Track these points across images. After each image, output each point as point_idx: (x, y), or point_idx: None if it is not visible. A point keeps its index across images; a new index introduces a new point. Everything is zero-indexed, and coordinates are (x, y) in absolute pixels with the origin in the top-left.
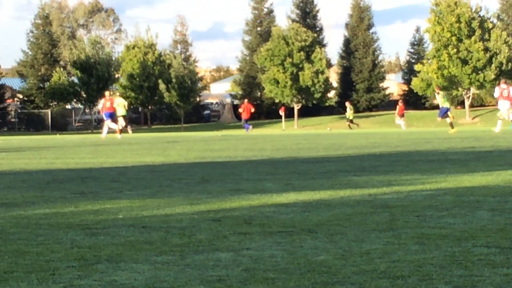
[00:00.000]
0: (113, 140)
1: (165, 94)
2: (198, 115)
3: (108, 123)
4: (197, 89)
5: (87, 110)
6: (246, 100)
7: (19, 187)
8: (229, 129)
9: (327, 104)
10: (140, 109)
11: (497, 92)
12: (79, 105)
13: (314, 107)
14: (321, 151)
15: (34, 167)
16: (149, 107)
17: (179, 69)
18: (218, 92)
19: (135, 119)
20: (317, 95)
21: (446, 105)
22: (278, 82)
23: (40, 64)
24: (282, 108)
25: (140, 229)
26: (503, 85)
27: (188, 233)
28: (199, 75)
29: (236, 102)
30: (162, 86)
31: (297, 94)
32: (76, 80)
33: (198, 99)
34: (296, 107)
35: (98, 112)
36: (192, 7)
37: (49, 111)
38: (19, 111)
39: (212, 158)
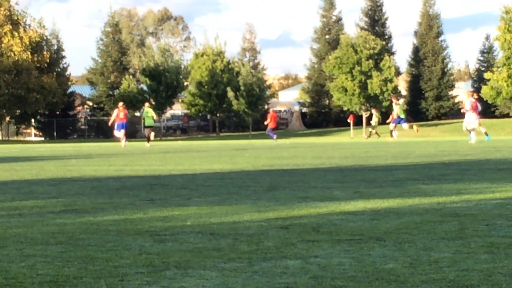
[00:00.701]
0: (181, 147)
1: (233, 101)
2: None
3: (116, 133)
4: (265, 96)
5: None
6: (272, 110)
7: (88, 193)
8: (297, 137)
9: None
10: (208, 116)
11: (467, 104)
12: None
13: (382, 115)
14: (389, 159)
15: (104, 174)
16: (218, 115)
17: (247, 77)
18: (286, 99)
19: (204, 127)
20: (385, 103)
21: (402, 115)
22: (346, 90)
23: (110, 71)
24: (351, 116)
25: (208, 236)
26: (472, 98)
27: (256, 240)
28: (268, 82)
29: (304, 110)
30: (230, 94)
31: (365, 102)
32: (145, 88)
33: (266, 106)
34: (365, 115)
35: (167, 120)
36: (261, 15)
37: None
38: (88, 118)
39: (280, 166)
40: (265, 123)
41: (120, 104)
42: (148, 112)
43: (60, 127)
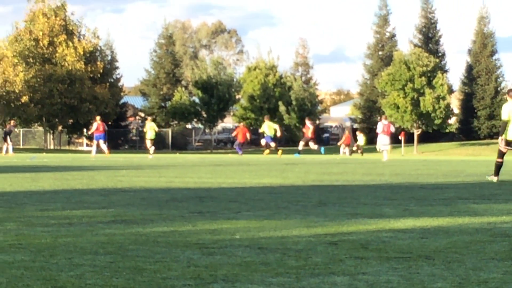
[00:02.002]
0: (231, 160)
1: (284, 116)
2: (318, 138)
3: (95, 144)
4: (317, 111)
5: (207, 130)
6: (242, 124)
7: (138, 204)
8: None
9: (447, 130)
10: (259, 130)
11: (379, 127)
12: (199, 125)
13: (434, 133)
14: (440, 178)
15: (154, 185)
16: None
17: (299, 92)
18: (338, 115)
19: (255, 141)
20: (437, 121)
21: (271, 133)
22: (398, 107)
23: (162, 83)
24: (402, 133)
25: (256, 250)
26: (384, 121)
27: (305, 256)
28: (319, 98)
29: (355, 125)
30: (282, 108)
31: (417, 120)
32: (197, 100)
33: (317, 122)
34: (416, 132)
35: (218, 133)
36: (314, 30)
37: (169, 130)
38: (140, 129)
39: (330, 181)
40: (233, 134)
41: (98, 118)
42: (152, 126)
43: (111, 138)
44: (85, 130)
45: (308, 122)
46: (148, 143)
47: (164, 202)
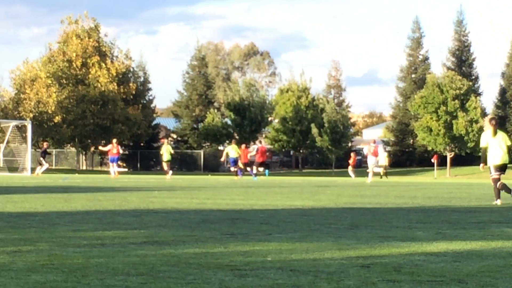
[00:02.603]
0: (263, 182)
1: (317, 138)
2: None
3: (112, 165)
4: (349, 134)
5: None
6: (244, 146)
7: (170, 225)
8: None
9: (480, 154)
10: (291, 152)
11: (365, 149)
12: (265, 146)
13: (467, 156)
14: (473, 201)
15: (186, 207)
16: (301, 151)
17: (332, 114)
18: (371, 138)
19: (287, 163)
20: (470, 144)
21: (235, 156)
22: (431, 130)
23: (195, 104)
24: (435, 156)
25: (288, 272)
26: (372, 144)
27: (337, 278)
28: (352, 120)
29: (388, 148)
30: (314, 131)
31: (450, 143)
32: (229, 122)
33: (350, 144)
34: (449, 155)
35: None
36: (347, 53)
37: (201, 152)
38: (171, 151)
39: (362, 204)
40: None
41: (114, 140)
42: (168, 149)
43: (144, 159)
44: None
45: (257, 145)
46: (165, 166)
47: (196, 223)
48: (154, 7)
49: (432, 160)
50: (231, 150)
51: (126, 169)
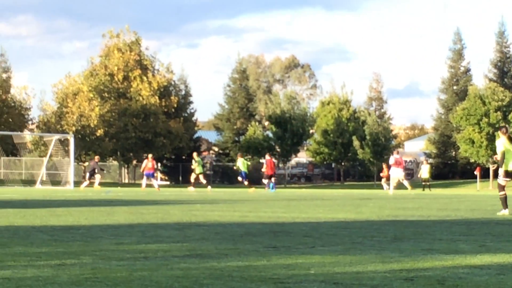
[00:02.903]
0: (305, 195)
1: (358, 151)
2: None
3: (146, 180)
4: (391, 146)
5: (281, 165)
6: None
7: (213, 238)
8: (419, 188)
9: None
10: (333, 165)
11: (391, 160)
12: (273, 160)
13: None
14: None
15: (228, 220)
16: (342, 163)
17: (373, 126)
18: (412, 150)
19: (328, 175)
20: None
21: (245, 169)
22: (473, 142)
23: (236, 117)
24: (477, 168)
25: (331, 285)
26: (396, 155)
27: None
28: (394, 132)
29: (430, 160)
30: (356, 143)
31: (492, 155)
32: (270, 135)
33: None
34: (492, 167)
35: (292, 167)
36: (388, 65)
37: None
38: (214, 163)
39: (405, 217)
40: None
41: (150, 156)
42: (199, 161)
43: (185, 172)
44: (159, 164)
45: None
46: (201, 178)
47: (239, 236)
48: (195, 20)
49: (475, 172)
50: (241, 164)
51: (168, 182)
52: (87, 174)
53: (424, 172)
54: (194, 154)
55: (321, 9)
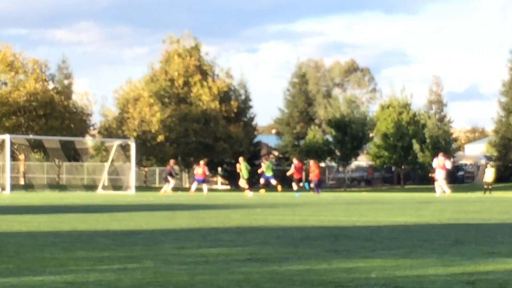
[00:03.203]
0: (365, 198)
1: (418, 154)
2: (452, 176)
3: (195, 185)
4: (451, 149)
5: (340, 169)
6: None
7: (273, 242)
8: (483, 191)
9: None
10: (393, 168)
11: (435, 162)
12: (333, 163)
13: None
14: None
15: (288, 224)
16: (402, 167)
17: (433, 129)
18: (473, 153)
19: (388, 179)
20: None
21: (269, 173)
22: None
23: (296, 122)
24: None
25: None
26: (441, 157)
27: None
28: (454, 135)
29: (491, 163)
30: (416, 146)
31: None
32: (330, 139)
33: (452, 160)
34: None
35: (351, 171)
36: (448, 68)
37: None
38: (274, 168)
39: (466, 220)
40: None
41: (202, 162)
42: (245, 165)
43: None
44: (219, 168)
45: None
46: (243, 182)
47: (299, 240)
48: (255, 25)
49: None
50: (265, 167)
51: (228, 187)
52: (168, 177)
53: (488, 175)
54: (240, 159)
55: (381, 12)
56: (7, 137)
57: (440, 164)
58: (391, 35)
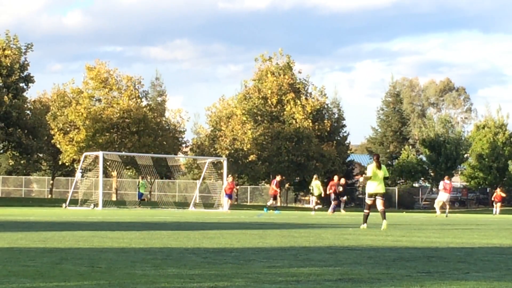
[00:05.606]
0: (459, 220)
1: None
2: None
3: (225, 201)
4: None
5: (434, 189)
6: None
7: (365, 263)
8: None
9: None
10: (488, 190)
11: (441, 185)
12: (427, 184)
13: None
14: None
15: (381, 244)
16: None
17: None
18: None
19: (483, 200)
20: None
21: (317, 193)
22: None
23: (389, 141)
24: None
25: None
26: (447, 181)
27: None
28: None
29: None
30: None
31: None
32: (424, 159)
33: None
34: None
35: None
36: None
37: (396, 188)
38: (362, 187)
39: None
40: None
41: (230, 178)
42: (317, 185)
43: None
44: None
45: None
46: (314, 200)
47: (391, 261)
48: (350, 44)
49: None
50: (314, 187)
51: (320, 206)
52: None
53: None
54: (314, 177)
55: (478, 32)
56: (100, 154)
57: (446, 188)
58: (488, 55)
